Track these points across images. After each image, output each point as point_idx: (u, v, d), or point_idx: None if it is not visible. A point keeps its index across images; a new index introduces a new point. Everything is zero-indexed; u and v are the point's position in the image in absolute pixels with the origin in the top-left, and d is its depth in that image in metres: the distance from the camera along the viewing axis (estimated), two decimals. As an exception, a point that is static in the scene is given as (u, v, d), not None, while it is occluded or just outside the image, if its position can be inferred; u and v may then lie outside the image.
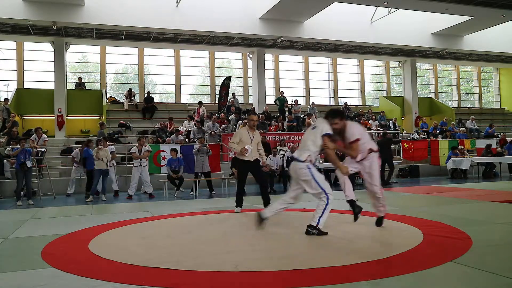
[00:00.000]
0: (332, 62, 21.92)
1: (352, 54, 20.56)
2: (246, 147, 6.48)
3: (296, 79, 21.54)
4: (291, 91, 20.66)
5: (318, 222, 4.70)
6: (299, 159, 4.86)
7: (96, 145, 10.63)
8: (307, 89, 21.49)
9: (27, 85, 17.37)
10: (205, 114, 16.19)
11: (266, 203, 6.59)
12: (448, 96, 25.48)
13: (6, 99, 14.77)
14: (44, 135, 12.56)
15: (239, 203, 6.80)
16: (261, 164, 6.92)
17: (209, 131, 14.25)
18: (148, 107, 17.27)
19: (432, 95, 23.70)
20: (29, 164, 9.61)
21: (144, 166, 10.70)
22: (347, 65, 22.52)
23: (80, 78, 17.56)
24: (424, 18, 17.66)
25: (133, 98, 17.65)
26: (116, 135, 14.91)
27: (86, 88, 17.64)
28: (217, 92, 18.58)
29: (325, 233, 4.74)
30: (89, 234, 5.29)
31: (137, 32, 15.87)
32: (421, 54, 20.45)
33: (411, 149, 15.43)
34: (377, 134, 17.16)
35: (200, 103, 17.07)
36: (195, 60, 20.27)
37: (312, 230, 4.72)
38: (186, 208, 7.81)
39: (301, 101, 19.86)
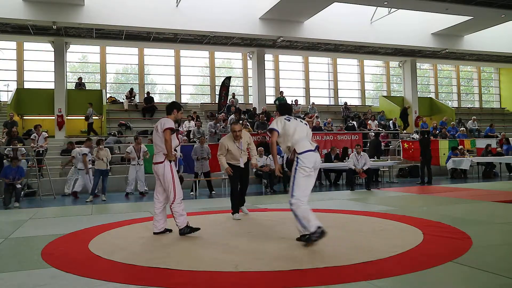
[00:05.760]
0: (332, 62, 21.90)
1: (352, 54, 20.54)
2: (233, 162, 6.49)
3: (296, 79, 21.52)
4: (291, 91, 20.66)
5: None
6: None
7: (96, 145, 10.63)
8: (307, 89, 21.48)
9: (27, 85, 17.36)
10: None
11: (240, 204, 6.65)
12: (448, 96, 25.47)
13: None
14: (44, 133, 12.56)
15: (235, 209, 6.50)
16: (252, 164, 6.84)
17: (212, 130, 14.24)
18: (148, 107, 17.26)
19: (432, 95, 23.68)
20: (18, 186, 9.13)
21: (140, 165, 10.82)
22: (347, 65, 22.50)
23: (80, 78, 17.55)
24: (424, 18, 17.64)
25: (133, 98, 17.66)
26: (116, 135, 14.90)
27: (86, 88, 17.64)
28: (217, 92, 18.57)
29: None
30: (89, 234, 5.29)
31: (137, 32, 15.85)
32: (421, 54, 20.44)
33: (411, 149, 15.39)
34: (375, 132, 17.14)
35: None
36: (195, 60, 20.26)
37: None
38: (185, 208, 7.78)
39: (301, 101, 19.86)
